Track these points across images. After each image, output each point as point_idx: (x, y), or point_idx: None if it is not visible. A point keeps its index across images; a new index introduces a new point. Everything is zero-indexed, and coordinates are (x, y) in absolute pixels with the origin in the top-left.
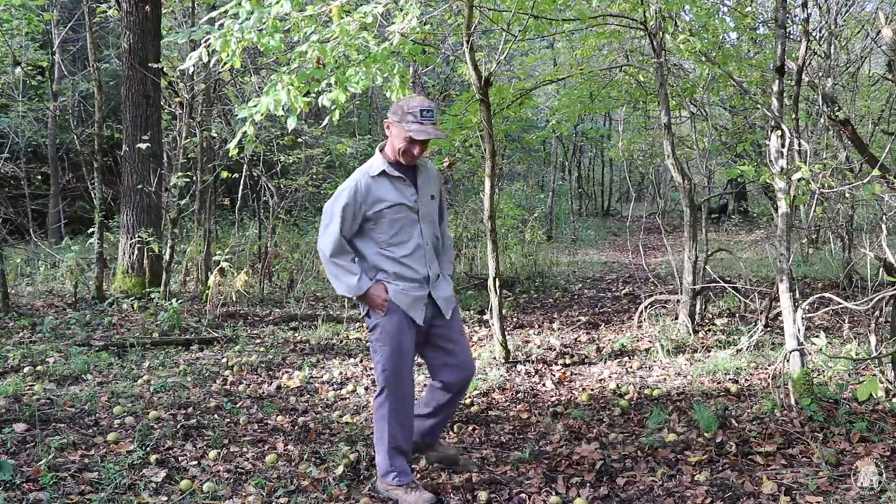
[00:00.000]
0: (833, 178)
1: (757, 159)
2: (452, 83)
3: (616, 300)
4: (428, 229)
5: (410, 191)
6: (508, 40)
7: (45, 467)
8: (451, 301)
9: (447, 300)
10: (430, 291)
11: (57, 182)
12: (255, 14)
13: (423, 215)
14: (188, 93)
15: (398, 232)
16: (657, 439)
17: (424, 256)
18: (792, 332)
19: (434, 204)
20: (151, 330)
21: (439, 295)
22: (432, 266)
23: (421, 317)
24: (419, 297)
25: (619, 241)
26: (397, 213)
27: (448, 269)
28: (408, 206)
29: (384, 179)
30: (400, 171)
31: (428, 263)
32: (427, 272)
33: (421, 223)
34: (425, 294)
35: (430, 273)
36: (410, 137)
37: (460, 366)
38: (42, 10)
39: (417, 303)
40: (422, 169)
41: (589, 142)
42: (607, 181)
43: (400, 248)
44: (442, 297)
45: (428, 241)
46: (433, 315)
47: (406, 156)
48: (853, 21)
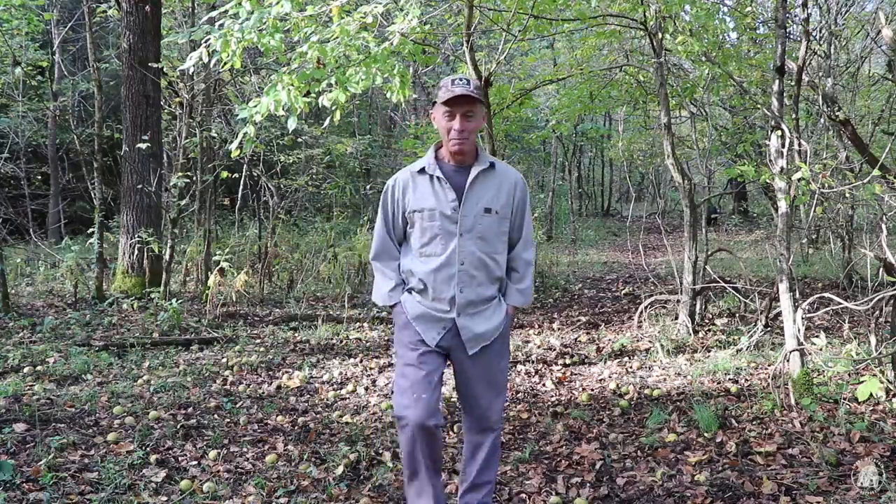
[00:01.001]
0: (833, 178)
1: (757, 159)
2: None
3: (616, 300)
4: (471, 246)
5: (451, 196)
6: (508, 40)
7: (45, 467)
8: (484, 339)
9: (476, 337)
10: (454, 318)
11: (57, 182)
12: (255, 14)
13: (467, 228)
14: (188, 93)
15: (430, 242)
16: (657, 439)
17: (454, 278)
18: (792, 332)
19: (491, 219)
20: (151, 330)
21: (468, 325)
22: (466, 290)
23: (433, 338)
24: (438, 318)
25: (619, 241)
26: (430, 219)
27: (512, 298)
28: (444, 214)
29: (424, 178)
30: (446, 170)
31: (459, 286)
32: (454, 295)
33: (461, 238)
34: (448, 318)
35: (461, 298)
36: (443, 107)
37: (472, 416)
38: (42, 10)
39: (433, 323)
40: (481, 174)
41: (589, 142)
42: (607, 181)
43: (428, 261)
44: (470, 330)
45: (467, 260)
46: (455, 346)
47: (452, 143)
48: (853, 21)
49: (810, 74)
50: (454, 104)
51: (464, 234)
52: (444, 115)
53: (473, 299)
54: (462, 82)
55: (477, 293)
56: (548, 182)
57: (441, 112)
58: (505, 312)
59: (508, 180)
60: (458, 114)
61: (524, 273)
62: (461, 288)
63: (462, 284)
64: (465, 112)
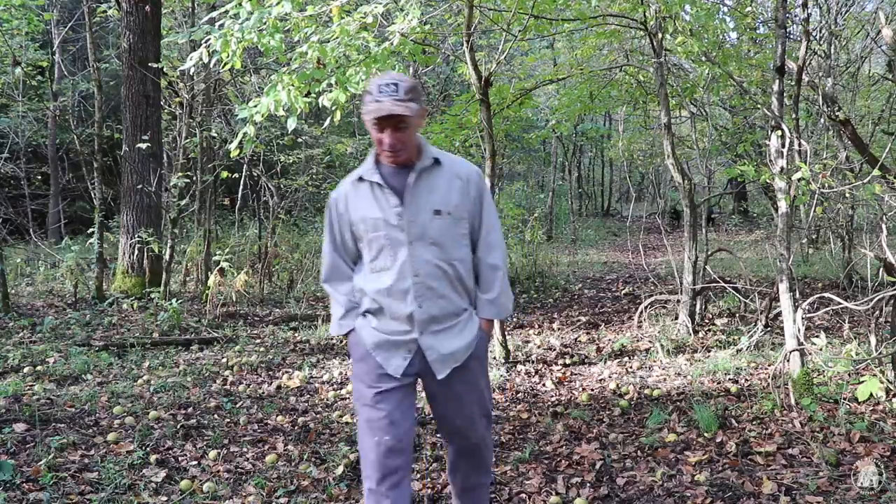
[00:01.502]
0: (833, 178)
1: (757, 159)
2: (452, 83)
3: (616, 300)
4: (425, 254)
5: (392, 201)
6: (508, 40)
7: (45, 467)
8: (454, 359)
9: (445, 358)
10: (417, 338)
11: (57, 182)
12: (256, 14)
13: (417, 235)
14: (188, 93)
15: (378, 255)
16: (657, 439)
17: (410, 292)
18: (792, 332)
19: (443, 221)
20: (151, 330)
21: (433, 345)
22: (426, 304)
23: (399, 367)
24: (399, 342)
25: (619, 241)
26: (374, 230)
27: (482, 311)
28: (388, 223)
29: (364, 186)
30: (386, 173)
31: (417, 300)
32: (412, 311)
33: (411, 246)
34: (411, 340)
35: (421, 314)
36: (369, 121)
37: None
38: (42, 10)
39: (394, 349)
40: (425, 173)
41: (589, 142)
42: (607, 181)
43: (380, 277)
44: (436, 350)
45: (421, 270)
46: (423, 371)
47: (383, 151)
48: (853, 21)
49: (810, 74)
50: (379, 122)
51: (414, 241)
52: (373, 125)
53: (436, 314)
54: (390, 90)
55: (440, 307)
56: (548, 182)
57: (368, 120)
58: (478, 325)
59: (459, 176)
60: (387, 128)
61: (491, 280)
62: (420, 302)
63: (420, 298)
64: (394, 125)
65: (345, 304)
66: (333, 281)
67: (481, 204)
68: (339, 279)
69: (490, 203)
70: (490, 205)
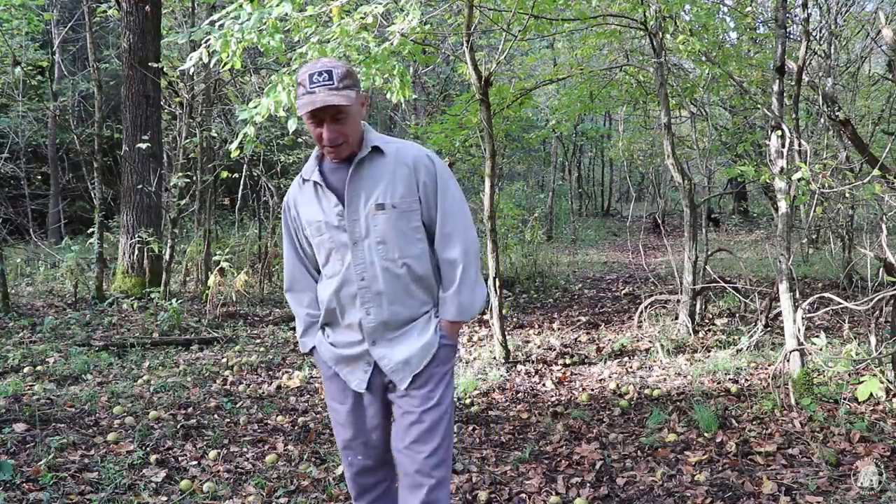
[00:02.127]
0: (833, 178)
1: (757, 159)
2: (452, 83)
3: (616, 300)
4: (369, 255)
5: (332, 200)
6: (508, 40)
7: (45, 467)
8: (411, 367)
9: (400, 367)
10: (369, 349)
11: (57, 182)
12: (256, 15)
13: (361, 234)
14: (188, 93)
15: (327, 260)
16: (657, 439)
17: (357, 298)
18: (792, 332)
19: (388, 216)
20: (151, 330)
21: (387, 354)
22: (374, 311)
23: (361, 382)
24: (357, 355)
25: (619, 241)
26: (318, 233)
27: (443, 311)
28: (330, 225)
29: (308, 186)
30: (326, 171)
31: (365, 307)
32: (361, 319)
33: (355, 247)
34: (364, 352)
35: (369, 322)
36: (304, 116)
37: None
38: (42, 10)
39: (354, 362)
40: (365, 163)
41: (589, 142)
42: (607, 181)
43: (330, 283)
44: (390, 359)
45: (366, 273)
46: (386, 384)
47: (323, 147)
48: (853, 21)
49: (810, 74)
50: (315, 115)
51: (358, 241)
52: (309, 120)
53: (387, 320)
54: (323, 79)
55: (392, 312)
56: (548, 182)
57: (304, 114)
58: (435, 327)
59: (405, 163)
60: (326, 120)
61: (449, 277)
62: (367, 309)
63: (368, 304)
64: (332, 117)
65: (304, 320)
66: (295, 290)
67: (436, 191)
68: (301, 288)
69: (450, 189)
70: (450, 191)
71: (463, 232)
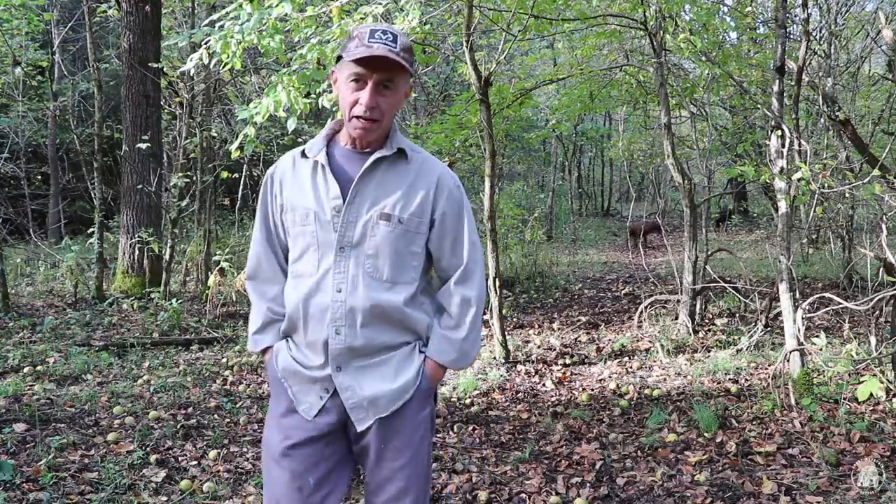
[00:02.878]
0: (833, 178)
1: (757, 159)
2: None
3: (616, 300)
4: (353, 267)
5: (334, 190)
6: (508, 40)
7: (45, 467)
8: (378, 408)
9: (364, 404)
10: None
11: (57, 182)
12: (256, 15)
13: (352, 241)
14: (188, 93)
15: (301, 256)
16: (657, 439)
17: (328, 311)
18: (792, 332)
19: (391, 230)
20: (151, 330)
21: (351, 385)
22: (345, 331)
23: (310, 408)
24: (315, 378)
25: (619, 241)
26: (302, 222)
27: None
28: (320, 217)
29: (305, 164)
30: (337, 154)
31: (334, 324)
32: (327, 338)
33: (341, 253)
34: (322, 377)
35: (336, 343)
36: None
37: None
38: (42, 10)
39: (308, 383)
40: (384, 163)
41: (589, 142)
42: (607, 181)
43: (299, 285)
44: (354, 392)
45: (345, 286)
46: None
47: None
48: (853, 21)
49: (810, 74)
50: (369, 65)
51: (346, 247)
52: (350, 79)
53: (357, 346)
54: (386, 38)
55: (366, 337)
56: (548, 182)
57: (346, 73)
58: (419, 368)
59: (428, 178)
60: (371, 81)
61: (461, 317)
62: (337, 328)
63: (338, 322)
64: (381, 80)
65: (264, 315)
66: (259, 280)
67: (456, 220)
68: (266, 279)
69: (471, 222)
70: (472, 225)
71: (481, 273)
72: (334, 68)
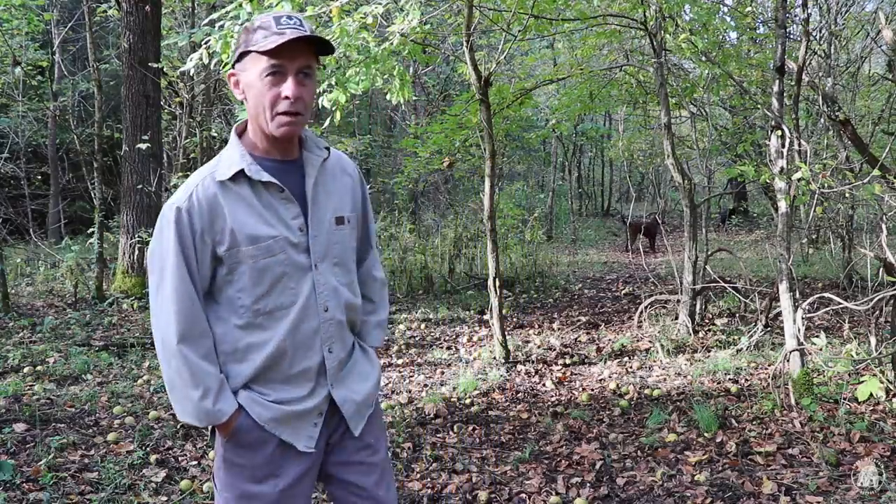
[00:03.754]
0: (833, 178)
1: (757, 159)
2: (452, 83)
3: (616, 300)
4: (331, 279)
5: (293, 210)
6: (508, 40)
7: (45, 467)
8: (368, 406)
9: (360, 407)
10: (330, 391)
11: (57, 182)
12: (255, 15)
13: (321, 255)
14: (188, 93)
15: (270, 291)
16: (657, 439)
17: (318, 334)
18: (792, 332)
19: (344, 233)
20: (151, 330)
21: (347, 395)
22: (336, 347)
23: (310, 441)
24: (308, 409)
25: (619, 241)
26: (269, 254)
27: (374, 338)
28: (289, 242)
29: (242, 187)
30: (271, 168)
31: (326, 344)
32: (322, 359)
33: (316, 270)
34: (321, 401)
35: (332, 361)
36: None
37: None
38: (42, 10)
39: (302, 419)
40: (313, 165)
41: (589, 142)
42: (607, 181)
43: (273, 323)
44: (352, 401)
45: (331, 302)
46: (333, 437)
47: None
48: (853, 21)
49: (810, 74)
50: (285, 54)
51: (318, 264)
52: (266, 74)
53: (343, 357)
54: (293, 23)
55: (347, 346)
56: (548, 182)
57: (259, 69)
58: (374, 360)
59: (347, 170)
60: (291, 72)
61: (381, 299)
62: (330, 346)
63: (330, 340)
64: (301, 68)
65: (215, 376)
66: (193, 338)
67: (368, 206)
68: (199, 334)
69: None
70: (370, 205)
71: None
72: (234, 71)
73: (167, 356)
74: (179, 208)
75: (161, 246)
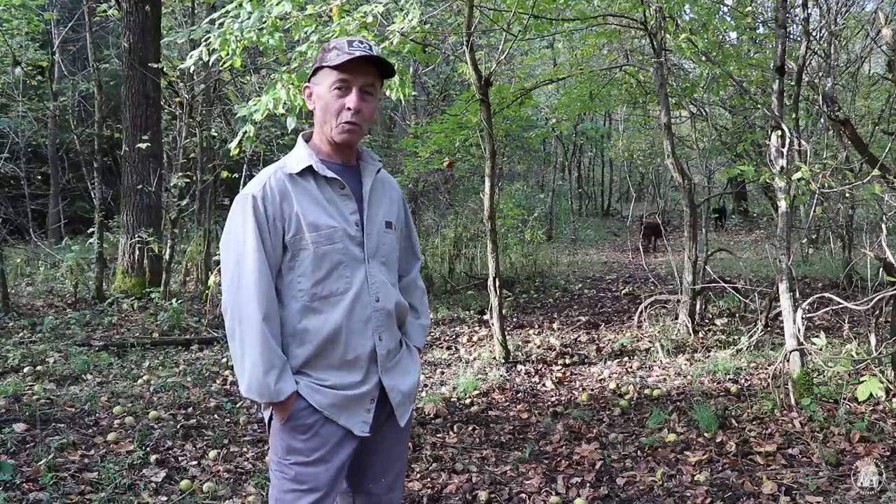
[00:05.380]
0: (833, 178)
1: (757, 159)
2: (452, 83)
3: (616, 300)
4: (379, 275)
5: (351, 206)
6: (508, 40)
7: (45, 467)
8: (411, 399)
9: (405, 399)
10: (380, 379)
11: (57, 182)
12: (255, 13)
13: (373, 252)
14: (188, 93)
15: (328, 276)
16: (657, 439)
17: (371, 321)
18: (792, 332)
19: (392, 237)
20: (151, 330)
21: (395, 385)
22: (385, 336)
23: (366, 421)
24: (363, 394)
25: (619, 241)
26: (329, 242)
27: (417, 338)
28: (347, 234)
29: (308, 182)
30: (334, 169)
31: (377, 332)
32: (374, 346)
33: (369, 264)
34: (373, 387)
35: (382, 348)
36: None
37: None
38: (42, 10)
39: (359, 403)
40: (370, 172)
41: (589, 142)
42: (607, 181)
43: (330, 307)
44: (399, 391)
45: (381, 293)
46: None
47: (340, 128)
48: (853, 21)
49: (810, 74)
50: (352, 71)
51: (370, 259)
52: (334, 87)
53: (392, 347)
54: (364, 47)
55: (394, 338)
56: (548, 182)
57: (329, 82)
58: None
59: (392, 185)
60: (356, 86)
61: (423, 305)
62: (380, 334)
63: (381, 329)
64: (364, 85)
65: (280, 357)
66: (272, 319)
67: (410, 218)
68: (275, 315)
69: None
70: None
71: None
72: (308, 84)
73: (244, 331)
74: (255, 196)
75: (240, 230)
